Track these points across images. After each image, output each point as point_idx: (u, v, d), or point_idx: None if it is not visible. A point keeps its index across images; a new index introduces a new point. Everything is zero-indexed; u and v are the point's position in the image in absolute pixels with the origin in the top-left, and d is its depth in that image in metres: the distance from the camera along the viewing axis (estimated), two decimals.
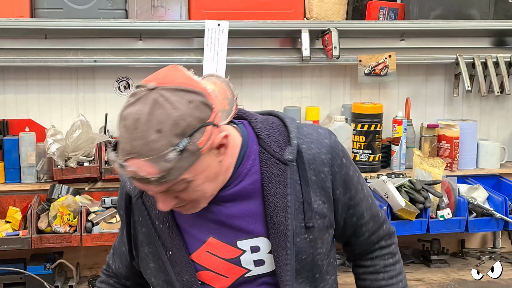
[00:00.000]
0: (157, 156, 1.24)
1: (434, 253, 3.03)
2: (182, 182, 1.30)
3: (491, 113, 3.46)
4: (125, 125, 1.26)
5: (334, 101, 3.30)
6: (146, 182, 1.27)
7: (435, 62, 3.28)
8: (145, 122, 1.23)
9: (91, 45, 2.99)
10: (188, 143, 1.25)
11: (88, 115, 3.00)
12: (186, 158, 1.26)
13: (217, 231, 1.44)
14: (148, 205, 1.47)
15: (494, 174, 3.27)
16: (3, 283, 2.67)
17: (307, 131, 1.47)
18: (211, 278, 1.46)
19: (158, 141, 1.23)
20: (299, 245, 1.42)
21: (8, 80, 3.01)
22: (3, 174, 2.88)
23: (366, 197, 1.56)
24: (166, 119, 1.24)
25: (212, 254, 1.45)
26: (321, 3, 3.08)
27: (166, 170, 1.25)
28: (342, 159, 1.48)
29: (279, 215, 1.40)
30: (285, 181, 1.41)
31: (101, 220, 2.69)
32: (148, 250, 1.50)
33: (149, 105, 1.24)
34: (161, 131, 1.23)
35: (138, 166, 1.25)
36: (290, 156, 1.41)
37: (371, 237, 1.59)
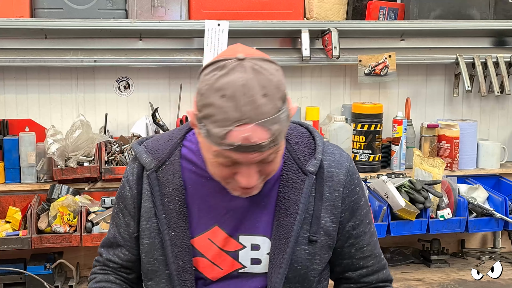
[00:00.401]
0: (270, 119, 1.25)
1: (434, 253, 3.03)
2: (280, 154, 1.34)
3: (491, 113, 3.46)
4: (227, 94, 1.24)
5: (334, 101, 3.30)
6: (256, 148, 1.26)
7: (435, 62, 3.28)
8: (252, 87, 1.24)
9: (91, 45, 2.99)
10: (287, 107, 1.30)
11: (88, 115, 3.00)
12: (286, 123, 1.31)
13: (223, 221, 1.45)
14: (163, 180, 1.47)
15: (494, 174, 3.27)
16: (3, 283, 2.67)
17: (331, 150, 1.52)
18: (205, 267, 1.46)
19: (267, 105, 1.25)
20: (298, 254, 1.44)
21: (8, 80, 3.01)
22: (3, 174, 2.88)
23: (371, 233, 1.56)
24: (269, 84, 1.26)
25: (212, 243, 1.45)
26: (321, 3, 3.09)
27: (277, 132, 1.27)
28: (356, 186, 1.51)
29: (286, 219, 1.43)
30: (301, 190, 1.44)
31: (101, 220, 2.69)
32: (146, 225, 1.49)
33: (250, 72, 1.26)
34: (267, 95, 1.25)
35: (251, 131, 1.24)
36: (312, 168, 1.45)
37: (370, 276, 1.58)
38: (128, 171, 1.54)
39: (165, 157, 1.49)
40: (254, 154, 1.27)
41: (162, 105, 3.06)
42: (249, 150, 1.26)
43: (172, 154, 1.49)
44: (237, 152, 1.27)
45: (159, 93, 3.12)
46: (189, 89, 3.12)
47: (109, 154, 2.91)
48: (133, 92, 3.11)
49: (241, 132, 1.24)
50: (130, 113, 3.12)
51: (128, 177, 1.53)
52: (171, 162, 1.48)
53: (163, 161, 1.48)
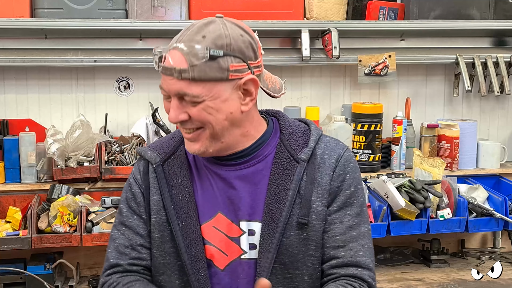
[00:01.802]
0: (193, 51, 1.36)
1: (434, 253, 3.03)
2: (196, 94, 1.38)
3: (491, 113, 3.46)
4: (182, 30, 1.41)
5: (334, 101, 3.30)
6: (170, 72, 1.39)
7: (435, 62, 3.28)
8: (198, 28, 1.39)
9: (91, 45, 2.99)
10: (221, 55, 1.37)
11: (88, 115, 3.00)
12: (212, 68, 1.37)
13: (225, 208, 1.49)
14: (169, 173, 1.53)
15: (494, 174, 3.27)
16: (3, 283, 2.67)
17: (328, 140, 1.56)
18: (213, 254, 1.49)
19: (199, 42, 1.37)
20: (291, 238, 1.46)
21: (8, 80, 3.01)
22: (3, 174, 2.88)
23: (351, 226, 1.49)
24: (213, 31, 1.39)
25: (218, 230, 1.49)
26: (321, 3, 3.09)
27: (192, 65, 1.36)
28: (347, 174, 1.52)
29: (276, 205, 1.46)
30: (292, 177, 1.47)
31: (101, 220, 2.69)
32: (155, 219, 1.52)
33: (207, 21, 1.42)
34: (205, 37, 1.38)
35: (173, 56, 1.38)
36: (303, 156, 1.49)
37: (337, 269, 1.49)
38: (134, 171, 1.59)
39: (171, 152, 1.56)
40: (170, 78, 1.40)
41: (162, 105, 3.05)
42: (167, 73, 1.40)
43: (177, 150, 1.56)
44: (163, 76, 1.42)
45: (159, 93, 3.08)
46: None
47: (109, 154, 2.91)
48: (133, 92, 3.11)
49: (168, 55, 1.39)
50: (130, 113, 3.12)
51: (135, 176, 1.58)
52: (177, 156, 1.55)
53: (169, 155, 1.55)
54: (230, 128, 1.45)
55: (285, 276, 1.48)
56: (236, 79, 1.40)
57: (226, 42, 1.38)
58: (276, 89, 1.56)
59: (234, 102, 1.42)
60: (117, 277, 1.55)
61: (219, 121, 1.42)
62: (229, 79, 1.39)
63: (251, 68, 1.42)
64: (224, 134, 1.45)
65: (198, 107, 1.40)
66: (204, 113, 1.41)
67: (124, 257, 1.55)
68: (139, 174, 1.57)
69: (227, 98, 1.41)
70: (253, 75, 1.42)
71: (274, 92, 1.54)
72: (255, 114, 1.51)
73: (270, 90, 1.53)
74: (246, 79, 1.41)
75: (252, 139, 1.50)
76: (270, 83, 1.55)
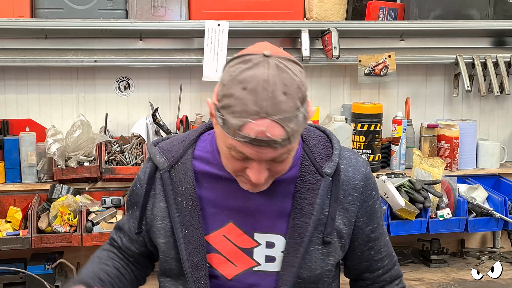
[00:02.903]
0: (287, 116, 1.27)
1: (434, 252, 3.03)
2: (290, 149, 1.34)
3: (491, 113, 3.46)
4: (248, 87, 1.27)
5: (334, 101, 3.30)
6: (270, 144, 1.28)
7: (435, 62, 3.28)
8: (273, 84, 1.27)
9: (91, 45, 2.99)
10: (306, 108, 1.33)
11: (89, 115, 3.01)
12: (303, 124, 1.33)
13: (239, 218, 1.47)
14: (176, 180, 1.49)
15: (494, 174, 3.27)
16: (4, 283, 2.67)
17: (348, 154, 1.55)
18: (220, 263, 1.48)
19: (287, 103, 1.27)
20: (312, 254, 1.46)
21: (8, 80, 3.01)
22: (4, 174, 2.88)
23: (385, 234, 1.62)
24: (291, 83, 1.29)
25: (227, 239, 1.47)
26: (321, 3, 3.09)
27: (293, 131, 1.29)
28: (372, 191, 1.55)
29: (302, 219, 1.45)
30: (317, 191, 1.46)
31: (101, 220, 2.70)
32: (161, 225, 1.52)
33: (274, 69, 1.28)
34: (287, 93, 1.28)
35: (267, 126, 1.26)
36: (328, 170, 1.47)
37: (385, 275, 1.63)
38: (142, 170, 1.58)
39: (178, 157, 1.51)
40: (266, 149, 1.29)
41: (162, 105, 3.06)
42: (262, 145, 1.28)
43: (185, 154, 1.52)
44: (251, 146, 1.29)
45: (159, 93, 3.12)
46: (189, 89, 3.13)
47: (109, 154, 2.91)
48: (133, 92, 3.11)
49: (257, 125, 1.26)
50: (130, 113, 3.12)
51: (140, 176, 1.58)
52: (183, 162, 1.51)
53: (176, 160, 1.51)
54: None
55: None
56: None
57: (303, 91, 1.32)
58: None
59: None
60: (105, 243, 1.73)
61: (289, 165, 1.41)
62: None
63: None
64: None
65: (286, 161, 1.37)
66: (288, 164, 1.39)
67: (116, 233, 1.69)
68: (144, 175, 1.55)
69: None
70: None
71: None
72: None
73: None
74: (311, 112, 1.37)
75: None
76: None
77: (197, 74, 3.04)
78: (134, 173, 2.82)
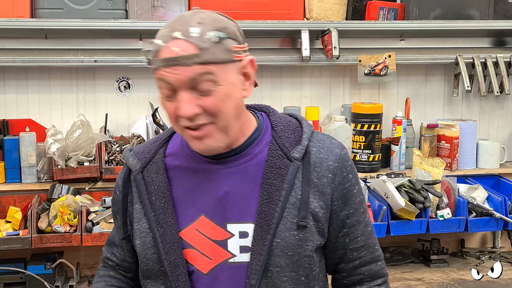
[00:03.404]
0: (197, 36, 1.32)
1: (434, 252, 3.03)
2: (210, 76, 1.34)
3: (491, 113, 3.46)
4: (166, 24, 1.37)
5: (333, 101, 3.30)
6: (177, 62, 1.32)
7: (435, 62, 3.29)
8: (189, 16, 1.36)
9: (91, 45, 2.99)
10: (225, 38, 1.34)
11: (89, 115, 3.01)
12: (221, 50, 1.34)
13: (209, 210, 1.45)
14: (148, 180, 1.50)
15: (494, 174, 3.27)
16: (4, 283, 2.67)
17: (321, 137, 1.51)
18: (195, 258, 1.46)
19: (198, 27, 1.33)
20: (287, 240, 1.42)
21: (8, 80, 3.01)
22: (4, 174, 2.88)
23: (365, 223, 1.53)
24: (206, 17, 1.36)
25: (200, 233, 1.45)
26: (321, 3, 3.09)
27: (202, 48, 1.32)
28: (348, 173, 1.49)
29: (269, 206, 1.42)
30: (285, 176, 1.43)
31: (101, 220, 2.70)
32: (137, 226, 1.51)
33: (191, 12, 1.39)
34: (202, 23, 1.34)
35: (176, 44, 1.32)
36: (297, 154, 1.44)
37: (362, 268, 1.54)
38: (118, 177, 1.59)
39: (150, 157, 1.52)
40: (179, 68, 1.33)
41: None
42: (174, 63, 1.33)
43: (156, 153, 1.52)
44: (167, 69, 1.34)
45: None
46: None
47: (109, 154, 2.91)
48: (133, 92, 3.12)
49: (168, 47, 1.33)
50: (130, 113, 3.12)
51: (118, 182, 1.58)
52: (155, 161, 1.51)
53: (148, 161, 1.52)
54: (236, 119, 1.40)
55: (281, 280, 1.43)
56: (238, 61, 1.37)
57: (223, 25, 1.36)
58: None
59: (239, 87, 1.39)
60: (100, 265, 1.69)
61: (231, 109, 1.37)
62: (233, 60, 1.36)
63: (246, 50, 1.41)
64: (232, 127, 1.40)
65: (214, 95, 1.35)
66: (220, 101, 1.35)
67: (106, 248, 1.68)
68: (121, 180, 1.56)
69: (235, 83, 1.38)
70: (250, 56, 1.41)
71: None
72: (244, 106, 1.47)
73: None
74: (247, 60, 1.39)
75: (245, 136, 1.46)
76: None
77: None
78: None
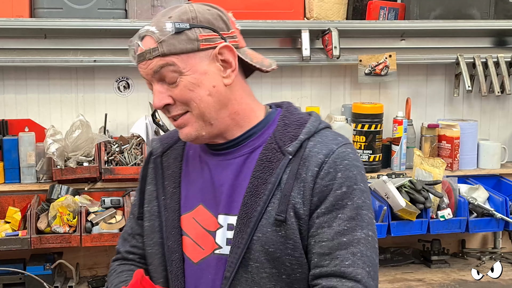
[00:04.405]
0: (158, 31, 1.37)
1: (435, 253, 3.03)
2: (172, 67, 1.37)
3: (492, 113, 3.45)
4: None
5: (334, 101, 3.30)
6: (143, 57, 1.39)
7: (436, 62, 3.28)
8: (164, 12, 1.42)
9: (90, 45, 2.99)
10: (188, 28, 1.37)
11: (88, 115, 3.00)
12: (181, 40, 1.37)
13: (207, 199, 1.46)
14: (165, 164, 1.54)
15: (495, 174, 3.27)
16: (3, 284, 2.66)
17: (326, 133, 1.44)
18: (188, 246, 1.47)
19: (165, 22, 1.38)
20: (268, 235, 1.37)
21: (7, 80, 3.01)
22: (3, 174, 2.87)
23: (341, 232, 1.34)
24: (178, 11, 1.40)
25: (196, 222, 1.46)
26: (321, 3, 3.08)
27: (159, 41, 1.37)
28: (337, 172, 1.37)
29: (252, 199, 1.39)
30: (274, 170, 1.39)
31: (100, 221, 2.69)
32: (147, 208, 1.54)
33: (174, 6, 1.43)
34: (171, 16, 1.39)
35: (144, 41, 1.40)
36: (290, 148, 1.40)
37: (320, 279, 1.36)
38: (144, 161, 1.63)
39: (172, 143, 1.57)
40: (145, 63, 1.39)
41: None
42: (140, 59, 1.40)
43: (178, 141, 1.56)
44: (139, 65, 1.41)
45: None
46: None
47: (108, 154, 2.90)
48: (132, 92, 3.11)
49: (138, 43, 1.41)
50: (129, 113, 3.11)
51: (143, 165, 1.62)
52: (176, 148, 1.56)
53: (169, 146, 1.57)
54: (217, 107, 1.41)
55: (261, 276, 1.38)
56: (209, 48, 1.39)
57: (191, 16, 1.38)
58: (264, 64, 1.49)
59: (215, 75, 1.40)
60: (117, 264, 1.62)
61: (203, 97, 1.39)
62: (200, 48, 1.38)
63: (224, 37, 1.41)
64: (212, 115, 1.41)
65: (180, 85, 1.38)
66: (186, 90, 1.38)
67: (125, 244, 1.62)
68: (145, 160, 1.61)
69: (206, 71, 1.39)
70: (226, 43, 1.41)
71: (262, 66, 1.48)
72: (244, 96, 1.46)
73: (257, 64, 1.47)
74: (220, 47, 1.39)
75: (243, 128, 1.46)
76: (255, 58, 1.49)
77: None
78: (134, 173, 2.81)
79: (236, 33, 1.46)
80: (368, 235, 1.37)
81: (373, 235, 1.39)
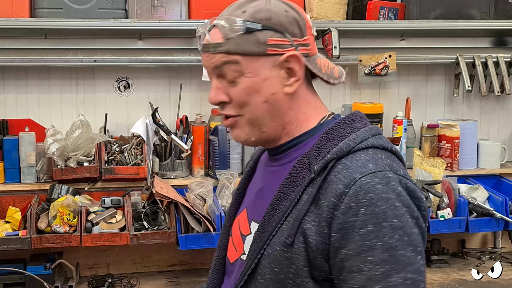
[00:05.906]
0: (228, 25, 1.31)
1: (435, 253, 3.03)
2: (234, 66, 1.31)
3: (492, 113, 3.46)
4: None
5: (334, 101, 3.30)
6: (207, 48, 1.33)
7: (435, 62, 3.28)
8: (239, 3, 1.34)
9: (91, 45, 2.99)
10: (259, 29, 1.30)
11: (88, 115, 3.00)
12: (248, 41, 1.30)
13: (250, 203, 1.48)
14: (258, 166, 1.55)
15: (495, 174, 3.27)
16: (3, 283, 2.66)
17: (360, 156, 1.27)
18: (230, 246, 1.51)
19: (238, 17, 1.31)
20: (276, 254, 1.29)
21: (8, 80, 3.01)
22: (3, 174, 2.88)
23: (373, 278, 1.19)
24: (254, 6, 1.32)
25: (238, 224, 1.49)
26: (321, 3, 3.08)
27: (227, 37, 1.30)
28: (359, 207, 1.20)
29: (271, 213, 1.34)
30: (296, 187, 1.30)
31: (101, 220, 2.69)
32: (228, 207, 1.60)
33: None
34: (245, 12, 1.31)
35: (212, 33, 1.33)
36: (316, 167, 1.28)
37: None
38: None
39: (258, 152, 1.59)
40: (207, 56, 1.34)
41: (162, 105, 3.05)
42: (204, 50, 1.34)
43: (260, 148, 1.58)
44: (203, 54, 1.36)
45: (159, 93, 3.12)
46: (189, 88, 3.12)
47: (109, 154, 2.90)
48: (133, 92, 3.11)
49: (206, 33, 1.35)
50: (130, 113, 3.11)
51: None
52: (255, 153, 1.59)
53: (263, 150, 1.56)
54: (271, 116, 1.34)
55: None
56: (275, 55, 1.30)
57: (266, 16, 1.30)
58: (332, 76, 1.41)
59: (276, 82, 1.31)
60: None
61: (258, 103, 1.31)
62: (266, 54, 1.30)
63: (294, 45, 1.32)
64: (264, 122, 1.34)
65: (239, 86, 1.31)
66: (244, 93, 1.31)
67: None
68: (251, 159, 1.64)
69: (268, 77, 1.31)
70: (296, 51, 1.32)
71: (329, 78, 1.40)
72: (302, 104, 1.38)
73: (324, 76, 1.39)
74: (287, 55, 1.30)
75: (289, 136, 1.38)
76: (324, 68, 1.40)
77: (197, 74, 3.03)
78: (134, 173, 2.82)
79: (310, 41, 1.37)
80: (406, 279, 1.23)
81: (414, 277, 1.26)
